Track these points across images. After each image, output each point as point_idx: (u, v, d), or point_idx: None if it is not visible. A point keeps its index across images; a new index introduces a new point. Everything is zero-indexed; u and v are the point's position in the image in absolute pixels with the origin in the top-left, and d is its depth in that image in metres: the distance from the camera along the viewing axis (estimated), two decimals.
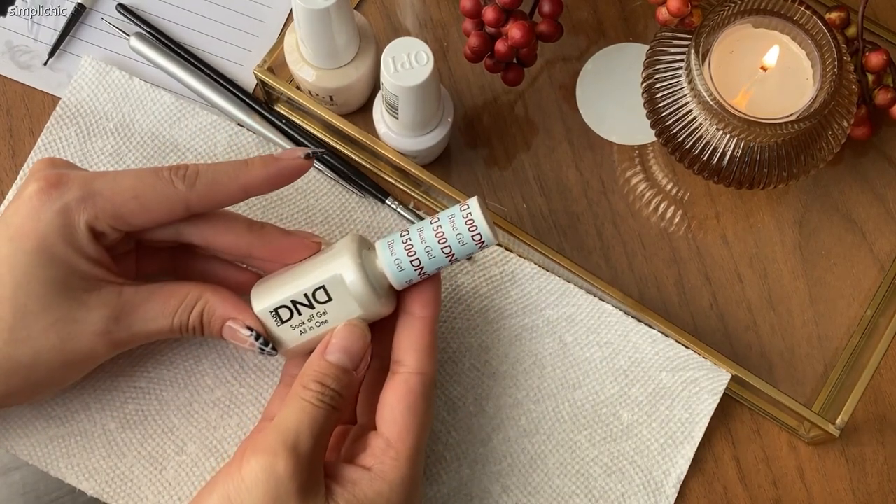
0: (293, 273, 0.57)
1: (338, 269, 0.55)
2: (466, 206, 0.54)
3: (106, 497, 0.62)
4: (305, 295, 0.56)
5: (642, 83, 0.65)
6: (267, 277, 0.58)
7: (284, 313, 0.56)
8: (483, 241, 0.54)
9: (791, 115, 0.61)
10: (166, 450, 0.63)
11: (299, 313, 0.56)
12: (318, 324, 0.56)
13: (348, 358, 0.55)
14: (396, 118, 0.63)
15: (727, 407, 0.65)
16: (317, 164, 0.67)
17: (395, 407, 0.55)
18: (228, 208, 0.59)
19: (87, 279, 0.55)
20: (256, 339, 0.56)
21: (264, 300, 0.57)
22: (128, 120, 0.68)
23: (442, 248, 0.54)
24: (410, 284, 0.56)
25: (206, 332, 0.58)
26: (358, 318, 0.56)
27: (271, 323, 0.57)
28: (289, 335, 0.57)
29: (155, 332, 0.57)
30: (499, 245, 0.67)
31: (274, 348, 0.57)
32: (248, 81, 0.71)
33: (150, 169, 0.56)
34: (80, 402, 0.63)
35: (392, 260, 0.55)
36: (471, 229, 0.54)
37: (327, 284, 0.55)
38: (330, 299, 0.56)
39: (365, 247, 0.56)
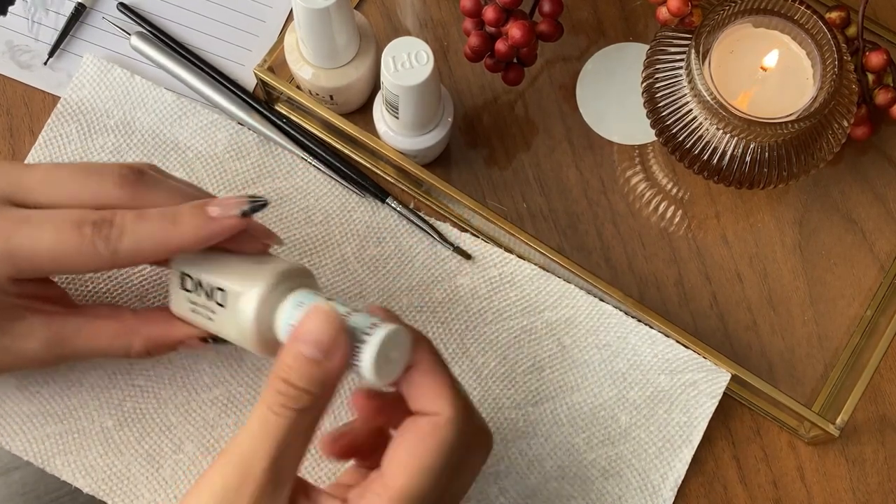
0: (224, 258, 0.54)
1: (244, 288, 0.51)
2: (373, 332, 0.48)
3: (102, 495, 0.62)
4: (210, 285, 0.53)
5: (642, 83, 0.65)
6: (213, 247, 0.54)
7: (188, 283, 0.54)
8: (360, 370, 0.48)
9: (791, 114, 0.61)
10: (164, 448, 0.63)
11: (198, 294, 0.54)
12: (206, 317, 0.53)
13: (315, 347, 0.47)
14: (397, 118, 0.63)
15: (727, 407, 0.65)
16: (317, 163, 0.68)
17: (404, 448, 0.49)
18: None
19: (11, 309, 0.54)
20: (215, 341, 0.55)
21: (187, 261, 0.54)
22: (129, 118, 0.68)
23: None
24: None
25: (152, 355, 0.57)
26: (329, 305, 0.49)
27: (176, 281, 0.55)
28: (182, 304, 0.55)
29: (101, 354, 0.57)
30: (499, 246, 0.67)
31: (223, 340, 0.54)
32: (249, 81, 0.71)
33: (73, 223, 0.52)
34: (77, 400, 0.63)
35: (288, 322, 0.50)
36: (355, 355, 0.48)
37: (228, 292, 0.52)
38: (222, 306, 0.52)
39: (291, 285, 0.51)
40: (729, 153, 0.62)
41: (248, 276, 0.52)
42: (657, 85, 0.64)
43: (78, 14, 0.71)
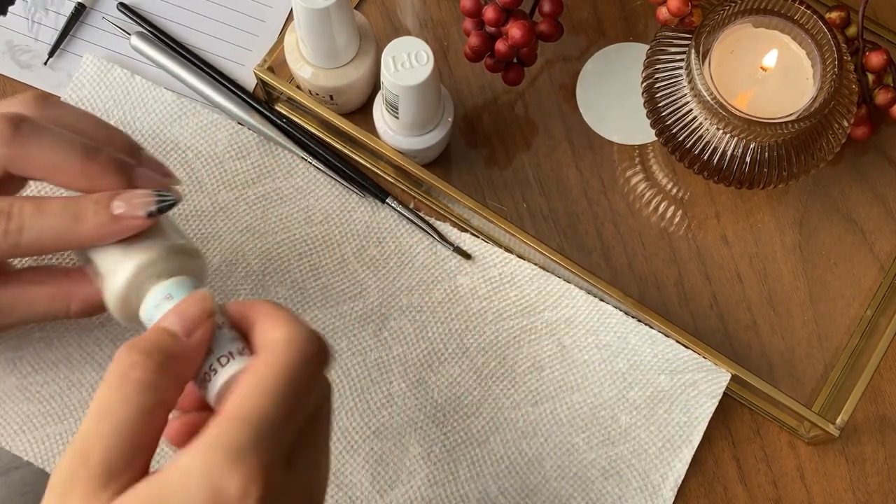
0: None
1: (112, 270, 0.50)
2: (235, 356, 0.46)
3: None
4: (92, 261, 0.51)
5: (642, 83, 0.65)
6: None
7: (81, 256, 0.53)
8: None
9: (791, 114, 0.61)
10: (163, 447, 0.63)
11: (88, 266, 0.53)
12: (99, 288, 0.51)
13: (175, 318, 0.45)
14: (397, 118, 0.63)
15: (727, 407, 0.65)
16: (317, 163, 0.68)
17: (240, 384, 0.43)
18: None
19: None
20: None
21: None
22: (129, 118, 0.68)
23: None
24: None
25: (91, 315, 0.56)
26: (202, 290, 0.48)
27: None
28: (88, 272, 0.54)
29: (40, 319, 0.55)
30: (499, 246, 0.67)
31: None
32: (249, 80, 0.71)
33: None
34: (78, 400, 0.63)
35: (150, 312, 0.48)
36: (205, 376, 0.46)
37: (102, 273, 0.50)
38: (102, 282, 0.51)
39: (166, 267, 0.49)
40: (729, 153, 0.62)
41: (121, 257, 0.50)
42: (657, 85, 0.64)
43: (78, 14, 0.71)
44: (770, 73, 0.63)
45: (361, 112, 0.70)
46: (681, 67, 0.63)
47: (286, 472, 0.43)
